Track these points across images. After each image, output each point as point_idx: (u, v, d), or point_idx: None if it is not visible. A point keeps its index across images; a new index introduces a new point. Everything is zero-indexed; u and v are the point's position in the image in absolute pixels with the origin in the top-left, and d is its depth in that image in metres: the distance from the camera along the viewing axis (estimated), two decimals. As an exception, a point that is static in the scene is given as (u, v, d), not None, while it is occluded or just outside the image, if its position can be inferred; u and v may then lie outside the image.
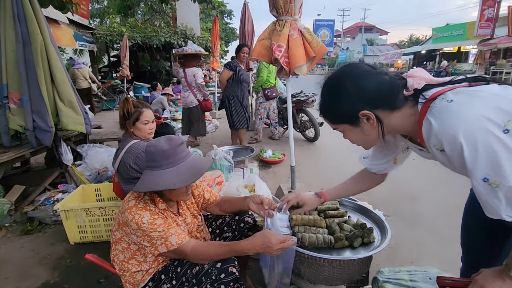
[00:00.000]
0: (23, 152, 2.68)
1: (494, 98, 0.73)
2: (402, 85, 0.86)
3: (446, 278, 0.95)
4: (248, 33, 5.37)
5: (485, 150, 0.69)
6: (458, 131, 0.72)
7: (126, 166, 1.82)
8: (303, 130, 5.20)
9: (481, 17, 15.41)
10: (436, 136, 0.78)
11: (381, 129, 0.88)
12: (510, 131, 0.68)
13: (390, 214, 2.64)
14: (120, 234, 1.26)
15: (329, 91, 0.93)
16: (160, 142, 1.20)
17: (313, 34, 2.34)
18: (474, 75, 0.86)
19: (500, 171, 0.69)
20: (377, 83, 0.86)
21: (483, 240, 1.10)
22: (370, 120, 0.87)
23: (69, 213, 2.24)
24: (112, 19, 13.04)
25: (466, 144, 0.71)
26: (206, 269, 1.19)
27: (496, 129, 0.69)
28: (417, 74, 0.88)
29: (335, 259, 1.30)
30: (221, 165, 3.08)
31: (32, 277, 1.96)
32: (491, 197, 0.72)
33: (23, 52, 2.47)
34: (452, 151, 0.75)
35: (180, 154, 1.21)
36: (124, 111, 1.87)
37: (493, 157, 0.69)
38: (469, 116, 0.71)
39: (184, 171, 1.19)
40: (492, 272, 0.84)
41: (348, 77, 0.88)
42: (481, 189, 0.73)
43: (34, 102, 2.54)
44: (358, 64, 0.92)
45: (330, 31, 20.98)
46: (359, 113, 0.86)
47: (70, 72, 7.54)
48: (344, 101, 0.88)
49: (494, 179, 0.70)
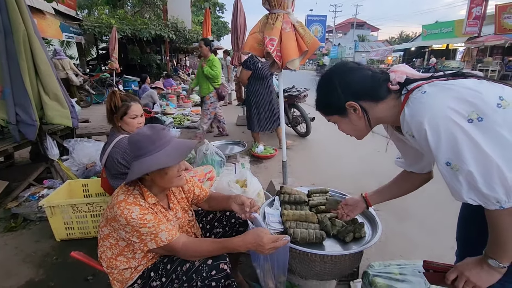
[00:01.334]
0: (5, 146, 2.58)
1: (463, 91, 0.79)
2: (384, 79, 0.95)
3: (431, 262, 1.00)
4: (240, 26, 5.28)
5: (446, 137, 0.76)
6: (424, 119, 0.79)
7: (114, 161, 1.78)
8: (295, 125, 5.20)
9: (469, 15, 15.65)
10: (407, 123, 0.85)
11: (366, 119, 0.97)
12: (473, 121, 0.74)
13: (380, 208, 2.67)
14: (108, 230, 1.22)
15: (321, 86, 1.05)
16: (143, 130, 1.21)
17: (305, 28, 2.31)
18: (453, 71, 0.94)
19: (460, 156, 0.75)
20: (360, 77, 0.96)
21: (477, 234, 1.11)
22: (356, 111, 0.96)
23: (55, 209, 2.17)
24: (100, 10, 12.66)
25: (430, 131, 0.78)
26: (197, 266, 1.17)
27: (459, 119, 0.75)
28: (399, 69, 0.96)
29: (326, 255, 1.30)
30: (212, 160, 3.05)
31: (15, 275, 1.90)
32: (453, 180, 0.80)
33: (5, 42, 2.36)
34: (419, 137, 0.83)
35: (165, 138, 1.21)
36: (111, 105, 1.82)
37: (454, 143, 0.75)
38: (435, 106, 0.79)
39: (172, 151, 1.19)
40: (473, 260, 0.89)
41: (336, 73, 1.00)
42: (444, 172, 0.81)
43: (17, 94, 2.43)
44: (345, 62, 1.04)
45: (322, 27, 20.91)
46: (346, 104, 0.96)
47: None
48: (333, 94, 0.98)
49: (455, 163, 0.77)
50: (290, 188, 1.74)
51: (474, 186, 0.76)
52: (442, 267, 0.97)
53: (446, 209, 2.63)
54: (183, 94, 8.73)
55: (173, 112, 6.84)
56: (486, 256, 0.86)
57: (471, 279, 0.86)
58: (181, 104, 8.11)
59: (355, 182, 3.28)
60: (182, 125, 6.05)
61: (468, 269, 0.88)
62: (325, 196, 1.72)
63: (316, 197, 1.69)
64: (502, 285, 0.86)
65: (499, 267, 0.83)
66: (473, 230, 1.12)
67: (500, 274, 0.84)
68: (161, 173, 1.19)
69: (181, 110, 7.25)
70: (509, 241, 0.80)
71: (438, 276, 0.97)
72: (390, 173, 1.42)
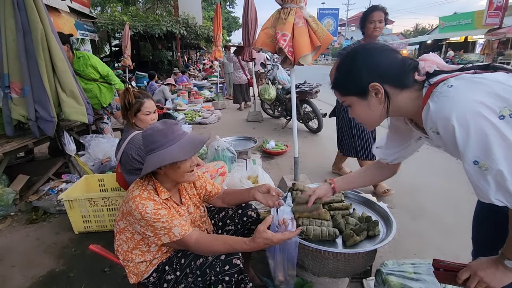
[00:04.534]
0: (26, 142, 2.68)
1: (494, 85, 0.73)
2: (413, 66, 0.89)
3: (441, 260, 0.97)
4: (251, 21, 5.24)
5: (476, 133, 0.71)
6: (452, 114, 0.74)
7: (128, 157, 1.81)
8: (307, 121, 5.16)
9: (489, 6, 14.96)
10: (431, 118, 0.80)
11: (387, 106, 0.90)
12: (505, 117, 0.69)
13: (394, 206, 2.63)
14: (124, 224, 1.26)
15: (344, 63, 0.96)
16: (156, 125, 1.24)
17: (318, 22, 2.27)
18: (484, 63, 0.86)
19: (490, 154, 0.70)
20: (389, 59, 0.89)
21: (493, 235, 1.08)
22: (378, 95, 0.89)
23: (73, 203, 2.25)
24: (113, 8, 12.85)
25: (458, 127, 0.73)
26: (210, 261, 1.18)
27: (490, 114, 0.70)
28: (430, 58, 0.90)
29: (340, 252, 1.30)
30: (224, 156, 3.07)
31: (37, 265, 1.98)
32: (480, 180, 0.74)
33: (24, 41, 2.43)
34: (445, 134, 0.77)
35: (177, 132, 1.23)
36: (125, 102, 1.85)
37: (484, 140, 0.70)
38: (464, 101, 0.73)
39: (185, 144, 1.21)
40: (488, 260, 0.86)
41: (363, 50, 0.92)
42: (471, 171, 0.75)
43: (36, 92, 2.52)
44: (373, 43, 1.01)
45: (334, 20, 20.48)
46: (369, 85, 0.88)
47: None
48: (357, 72, 0.91)
49: (484, 162, 0.72)
50: (303, 185, 1.73)
51: (503, 187, 0.71)
52: (453, 266, 0.95)
53: (461, 207, 2.57)
54: (194, 90, 8.80)
55: (185, 108, 6.91)
56: (502, 256, 0.83)
57: (484, 279, 0.84)
58: (192, 100, 8.18)
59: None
60: (193, 121, 6.11)
61: (482, 269, 0.85)
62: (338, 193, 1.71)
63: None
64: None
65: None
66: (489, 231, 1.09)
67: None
68: (174, 167, 1.21)
69: (193, 106, 7.32)
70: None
71: (449, 275, 0.94)
72: (403, 171, 1.39)
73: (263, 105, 6.48)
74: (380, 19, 2.49)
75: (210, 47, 14.65)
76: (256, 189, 1.45)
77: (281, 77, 5.64)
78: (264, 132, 5.28)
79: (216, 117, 6.32)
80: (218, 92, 8.61)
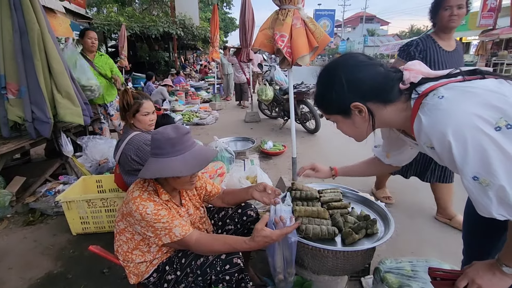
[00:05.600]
0: (22, 143, 2.66)
1: (486, 94, 0.71)
2: (398, 78, 0.85)
3: (437, 269, 0.95)
4: (248, 22, 5.26)
5: (475, 149, 0.68)
6: (447, 129, 0.70)
7: (127, 158, 1.81)
8: (304, 122, 5.18)
9: (483, 7, 15.14)
10: (425, 134, 0.77)
11: (372, 123, 0.87)
12: (502, 128, 0.66)
13: (392, 205, 2.66)
14: (124, 224, 1.26)
15: (323, 81, 0.92)
16: (167, 130, 1.20)
17: (316, 23, 2.29)
18: (471, 68, 0.82)
19: (490, 169, 0.67)
20: (371, 75, 0.84)
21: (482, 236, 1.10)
22: (362, 113, 0.86)
23: (71, 204, 2.23)
24: (109, 8, 12.79)
25: (455, 142, 0.70)
26: (211, 261, 1.19)
27: (487, 127, 0.67)
28: (414, 67, 0.86)
29: (339, 250, 1.31)
30: (222, 157, 3.08)
31: (35, 267, 1.97)
32: (481, 196, 0.72)
33: (20, 41, 2.41)
34: (441, 150, 0.74)
35: (186, 142, 1.21)
36: (124, 102, 1.85)
37: (483, 155, 0.67)
38: (459, 114, 0.70)
39: (190, 159, 1.19)
40: (483, 265, 0.84)
41: (342, 68, 0.87)
42: (471, 187, 0.72)
43: (33, 93, 2.50)
44: (354, 54, 0.90)
45: (330, 21, 20.64)
46: (351, 105, 0.85)
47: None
48: (337, 92, 0.87)
49: (484, 177, 0.69)
50: (301, 185, 1.74)
51: (505, 201, 0.69)
52: (449, 274, 0.94)
53: (458, 206, 2.59)
54: (191, 91, 8.80)
55: (182, 109, 6.90)
56: (499, 262, 0.81)
57: (483, 286, 0.82)
58: (189, 101, 8.17)
59: (364, 178, 3.26)
60: (191, 122, 6.11)
61: (480, 276, 0.83)
62: (336, 192, 1.72)
63: (328, 194, 1.69)
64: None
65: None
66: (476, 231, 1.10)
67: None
68: (174, 177, 1.21)
69: (190, 107, 7.31)
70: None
71: (446, 284, 0.93)
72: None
73: (261, 106, 6.50)
74: (460, 4, 1.89)
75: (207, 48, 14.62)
76: (253, 188, 1.47)
77: (278, 78, 5.67)
78: (262, 133, 5.29)
79: (213, 118, 6.32)
80: (215, 93, 8.61)
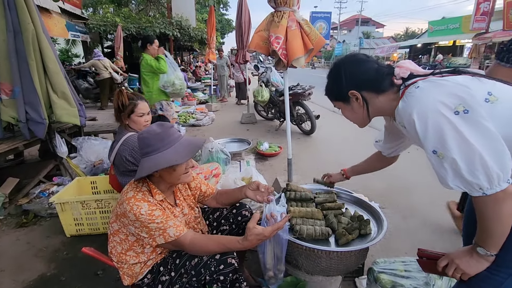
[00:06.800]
0: (16, 144, 2.63)
1: (452, 86, 0.85)
2: (388, 72, 1.01)
3: (425, 250, 1.04)
4: (244, 24, 5.27)
5: (433, 127, 0.82)
6: (413, 111, 0.86)
7: (122, 159, 1.81)
8: (300, 123, 5.20)
9: (476, 11, 15.39)
10: (399, 115, 0.94)
11: (366, 108, 1.05)
12: (460, 113, 0.80)
13: (385, 206, 2.68)
14: (118, 225, 1.25)
15: (331, 74, 1.12)
16: (152, 128, 1.23)
17: (311, 26, 2.31)
18: (451, 68, 0.99)
19: (445, 144, 0.80)
20: (365, 69, 1.03)
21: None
22: (357, 100, 1.04)
23: (65, 205, 2.22)
24: (105, 9, 12.74)
25: (418, 121, 0.85)
26: (205, 261, 1.19)
27: (446, 111, 0.81)
28: (404, 65, 1.02)
29: (333, 251, 1.32)
30: (218, 158, 3.08)
31: (28, 269, 1.95)
32: (439, 167, 0.85)
33: (14, 41, 2.39)
34: (409, 127, 0.90)
35: (174, 135, 1.23)
36: (119, 103, 1.85)
37: (440, 133, 0.81)
38: (425, 99, 0.86)
39: (181, 149, 1.21)
40: (464, 249, 0.94)
41: (344, 63, 1.08)
42: (432, 160, 0.86)
43: (27, 93, 2.48)
44: (355, 54, 1.12)
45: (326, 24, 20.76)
46: (349, 92, 1.04)
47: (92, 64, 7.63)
48: (339, 82, 1.06)
49: (441, 151, 0.82)
50: (296, 185, 1.75)
51: (458, 173, 0.81)
52: (434, 255, 1.01)
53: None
54: (187, 92, 8.78)
55: (178, 110, 6.88)
56: (475, 244, 0.90)
57: (460, 267, 0.91)
58: (186, 102, 8.16)
59: (360, 179, 3.28)
60: (187, 123, 6.09)
61: (459, 257, 0.92)
62: (331, 194, 1.74)
63: (322, 195, 1.70)
64: (490, 272, 0.89)
65: (487, 255, 0.87)
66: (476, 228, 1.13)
67: (488, 262, 0.88)
68: (169, 170, 1.21)
69: (186, 108, 7.29)
70: (495, 229, 0.83)
71: (430, 263, 1.01)
72: (394, 171, 1.45)
73: (257, 107, 6.51)
74: None
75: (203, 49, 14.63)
76: (247, 187, 1.48)
77: (274, 79, 5.69)
78: (258, 134, 5.31)
79: (209, 119, 6.32)
80: (211, 94, 8.61)
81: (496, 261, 0.88)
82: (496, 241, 0.85)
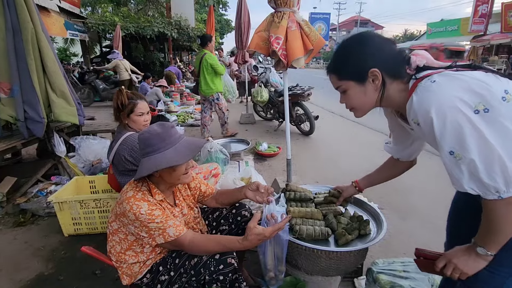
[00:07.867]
0: (14, 143, 2.62)
1: (472, 82, 0.79)
2: (407, 58, 0.93)
3: (423, 250, 1.03)
4: (244, 24, 5.27)
5: (452, 126, 0.77)
6: (431, 107, 0.80)
7: (121, 158, 1.80)
8: (299, 124, 5.21)
9: (475, 13, 15.49)
10: (414, 110, 0.85)
11: (381, 94, 0.94)
12: (480, 112, 0.75)
13: (384, 206, 2.68)
14: (117, 225, 1.25)
15: (348, 45, 0.98)
16: (153, 127, 1.23)
17: (311, 26, 2.32)
18: (466, 63, 0.92)
19: (464, 145, 0.76)
20: (389, 48, 0.93)
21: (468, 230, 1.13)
22: (376, 81, 0.93)
23: (63, 205, 2.21)
24: (104, 8, 12.72)
25: (436, 119, 0.79)
26: (205, 261, 1.19)
27: (466, 109, 0.76)
28: (421, 53, 0.95)
29: (332, 251, 1.32)
30: (217, 158, 3.08)
31: (25, 269, 1.94)
32: (455, 169, 0.80)
33: (13, 40, 2.39)
34: (425, 125, 0.83)
35: (174, 135, 1.23)
36: (118, 103, 1.84)
37: (459, 132, 0.76)
38: (444, 95, 0.79)
39: (182, 149, 1.21)
40: (461, 248, 0.92)
41: (370, 36, 0.95)
42: (447, 161, 0.81)
43: (25, 92, 2.47)
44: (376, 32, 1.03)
45: (325, 25, 20.81)
46: (370, 70, 0.91)
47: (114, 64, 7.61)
48: (361, 55, 0.93)
49: (458, 152, 0.77)
50: (296, 186, 1.75)
51: (475, 175, 0.77)
52: (432, 255, 1.00)
53: (449, 207, 2.63)
54: (186, 92, 8.77)
55: (177, 110, 6.87)
56: (475, 244, 0.88)
57: (458, 266, 0.89)
58: (184, 102, 8.14)
59: (359, 180, 3.29)
60: (185, 123, 6.08)
61: (456, 256, 0.90)
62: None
63: (322, 195, 1.70)
64: (491, 272, 0.88)
65: (486, 255, 0.86)
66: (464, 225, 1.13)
67: (486, 262, 0.87)
68: (169, 170, 1.21)
69: (185, 108, 7.28)
70: (502, 231, 0.82)
71: (428, 263, 1.00)
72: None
73: (256, 108, 6.51)
74: None
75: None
76: (246, 187, 1.47)
77: (273, 80, 5.70)
78: (257, 134, 5.31)
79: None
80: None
81: (498, 261, 0.87)
82: (500, 243, 0.83)
